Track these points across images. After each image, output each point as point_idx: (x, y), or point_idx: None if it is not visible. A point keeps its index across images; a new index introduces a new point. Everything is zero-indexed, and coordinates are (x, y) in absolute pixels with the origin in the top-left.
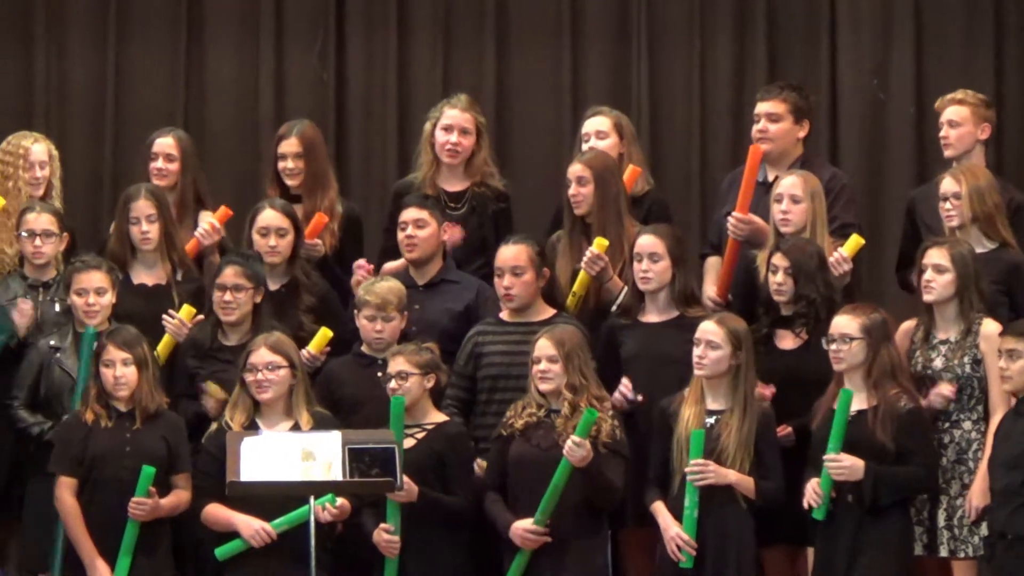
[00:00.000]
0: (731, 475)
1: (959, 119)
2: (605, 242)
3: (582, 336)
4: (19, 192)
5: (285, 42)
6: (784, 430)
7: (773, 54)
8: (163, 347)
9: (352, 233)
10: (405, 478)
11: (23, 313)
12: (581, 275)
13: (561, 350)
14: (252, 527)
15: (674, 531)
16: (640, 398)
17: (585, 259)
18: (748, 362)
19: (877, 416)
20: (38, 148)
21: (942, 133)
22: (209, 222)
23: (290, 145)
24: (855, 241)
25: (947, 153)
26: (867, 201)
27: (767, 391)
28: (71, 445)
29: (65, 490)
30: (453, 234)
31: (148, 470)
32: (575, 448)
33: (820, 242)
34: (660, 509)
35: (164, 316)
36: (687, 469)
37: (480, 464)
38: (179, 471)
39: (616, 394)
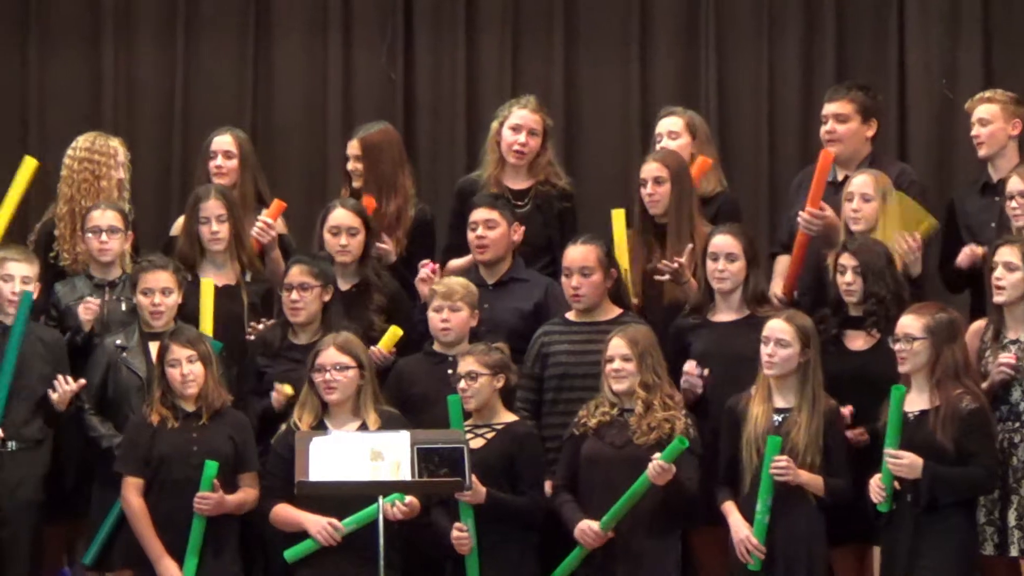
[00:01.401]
0: (802, 475)
1: (989, 116)
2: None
3: (654, 336)
4: (110, 193)
5: (353, 42)
6: (860, 435)
7: (841, 53)
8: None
9: (422, 236)
10: (474, 480)
11: (89, 310)
12: (619, 248)
13: (635, 349)
14: (320, 524)
15: (743, 534)
16: (706, 372)
17: (661, 264)
18: (815, 359)
19: (939, 417)
20: (121, 149)
21: (973, 132)
22: (263, 219)
23: (352, 147)
24: (928, 224)
25: (980, 152)
26: (935, 198)
27: (846, 411)
28: (137, 446)
29: (131, 490)
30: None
31: (211, 465)
32: (662, 473)
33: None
34: (731, 509)
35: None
36: (772, 469)
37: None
38: (246, 469)
39: (683, 381)
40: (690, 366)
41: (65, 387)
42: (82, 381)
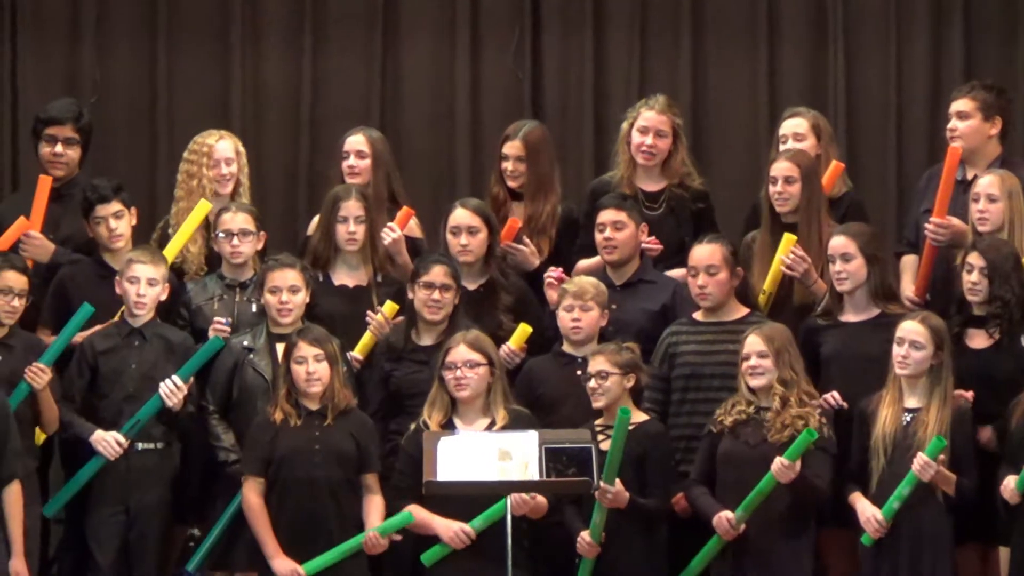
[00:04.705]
0: (941, 470)
1: None
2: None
3: (790, 333)
4: (203, 190)
5: (481, 42)
6: (990, 441)
7: (969, 53)
8: (361, 347)
9: (569, 234)
10: (618, 484)
11: (219, 331)
12: (772, 272)
13: (771, 346)
14: (452, 529)
15: (871, 512)
16: (845, 405)
17: (789, 259)
18: (947, 360)
19: None
20: (223, 145)
21: None
22: (388, 224)
23: (513, 147)
24: None
25: None
26: None
27: (967, 394)
28: (259, 445)
29: (251, 490)
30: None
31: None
32: (784, 471)
33: (1017, 241)
34: (858, 498)
35: (368, 313)
36: (916, 464)
37: None
38: (369, 470)
39: (822, 400)
40: (833, 396)
41: (171, 390)
42: (190, 381)
